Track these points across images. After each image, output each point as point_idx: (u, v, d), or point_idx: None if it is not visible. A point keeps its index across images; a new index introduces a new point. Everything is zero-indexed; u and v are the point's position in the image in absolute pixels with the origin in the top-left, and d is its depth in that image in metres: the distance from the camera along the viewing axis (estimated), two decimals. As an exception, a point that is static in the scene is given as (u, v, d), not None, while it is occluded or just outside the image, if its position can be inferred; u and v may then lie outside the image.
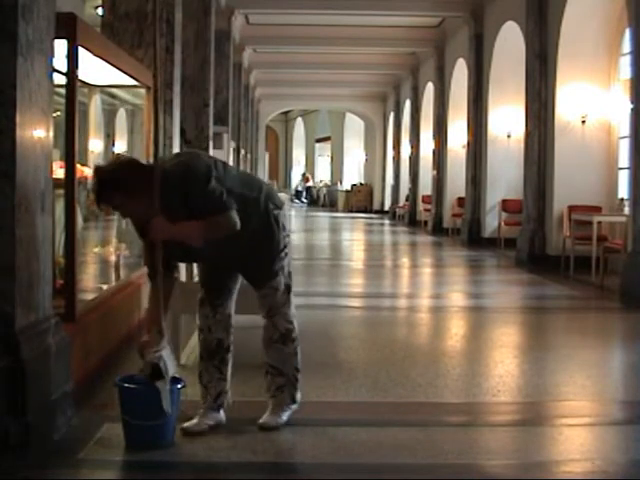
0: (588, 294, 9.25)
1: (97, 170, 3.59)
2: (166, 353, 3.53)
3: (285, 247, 3.81)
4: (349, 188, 33.09)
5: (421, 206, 21.83)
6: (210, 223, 3.48)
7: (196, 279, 4.24)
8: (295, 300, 3.92)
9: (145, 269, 3.78)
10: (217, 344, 3.84)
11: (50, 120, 3.67)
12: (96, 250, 5.73)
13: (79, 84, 4.57)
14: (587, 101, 11.42)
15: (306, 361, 4.08)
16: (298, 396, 3.91)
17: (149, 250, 3.63)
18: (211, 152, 11.30)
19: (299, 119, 40.37)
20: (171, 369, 3.52)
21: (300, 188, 38.79)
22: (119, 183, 3.42)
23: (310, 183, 38.74)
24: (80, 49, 4.35)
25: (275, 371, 3.87)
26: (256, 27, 19.19)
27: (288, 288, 3.85)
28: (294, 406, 3.89)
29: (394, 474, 3.35)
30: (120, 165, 3.54)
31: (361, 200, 31.50)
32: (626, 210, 10.14)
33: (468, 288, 10.17)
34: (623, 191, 10.96)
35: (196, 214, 3.48)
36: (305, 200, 37.78)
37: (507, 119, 14.94)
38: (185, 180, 3.48)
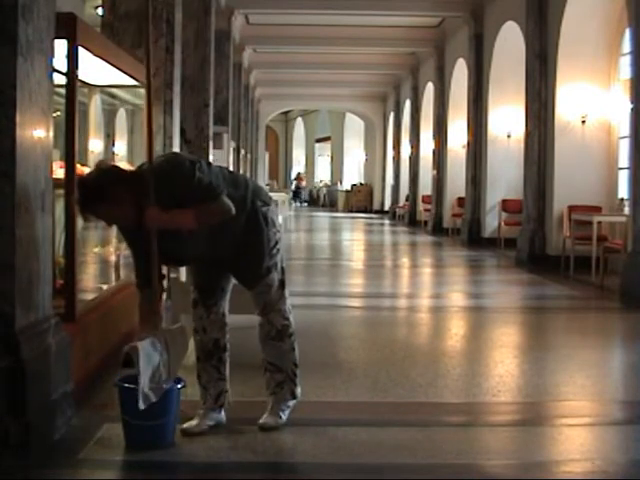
0: (588, 294, 9.25)
1: (80, 181, 3.58)
2: (146, 343, 3.50)
3: (277, 243, 3.80)
4: (349, 188, 33.10)
5: (421, 206, 21.84)
6: (202, 209, 3.48)
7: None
8: (295, 300, 3.92)
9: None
10: (213, 344, 3.84)
11: (50, 120, 3.67)
12: (96, 250, 5.72)
13: (79, 84, 4.57)
14: (587, 101, 11.42)
15: (306, 361, 4.08)
16: (298, 391, 3.91)
17: (139, 258, 3.64)
18: (211, 152, 11.31)
19: (299, 119, 40.36)
20: (147, 361, 3.46)
21: (293, 188, 38.65)
22: (103, 192, 3.40)
23: (304, 183, 38.59)
24: (80, 49, 4.35)
25: (273, 368, 3.87)
26: (256, 27, 19.19)
27: (282, 284, 3.84)
28: (294, 402, 3.89)
29: (394, 474, 3.35)
30: (102, 174, 3.50)
31: (361, 200, 31.51)
32: (626, 210, 10.14)
33: (468, 288, 10.17)
34: (623, 191, 10.97)
35: (189, 206, 3.48)
36: (299, 199, 37.57)
37: (507, 119, 14.95)
38: (171, 177, 3.48)
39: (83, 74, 4.81)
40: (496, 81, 15.09)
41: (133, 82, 5.82)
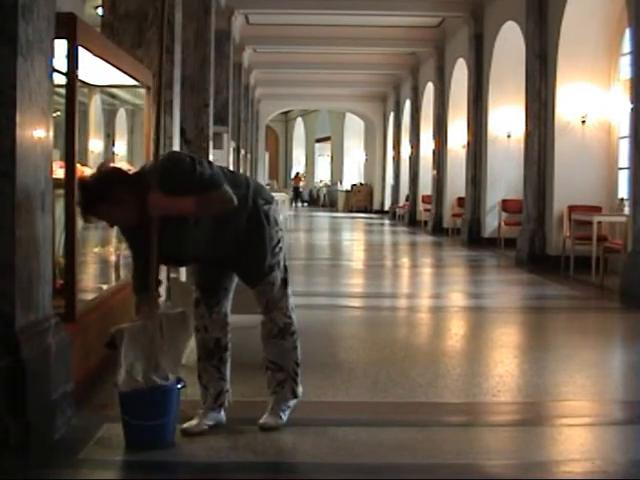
0: (588, 294, 9.25)
1: (81, 183, 3.61)
2: (135, 327, 3.52)
3: (279, 242, 3.81)
4: (349, 188, 33.12)
5: (421, 206, 21.85)
6: (204, 197, 3.48)
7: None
8: (295, 300, 3.92)
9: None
10: (215, 343, 3.84)
11: (50, 120, 3.67)
12: (96, 250, 5.72)
13: (79, 84, 4.57)
14: (587, 101, 11.42)
15: (306, 361, 4.08)
16: (299, 390, 3.91)
17: (139, 258, 3.65)
18: (211, 152, 11.31)
19: (299, 119, 40.38)
20: (131, 344, 3.49)
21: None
22: (104, 194, 3.43)
23: (301, 183, 38.48)
24: (80, 49, 4.35)
25: (275, 367, 3.87)
26: (256, 27, 19.20)
27: (285, 282, 3.85)
28: (295, 401, 3.89)
29: (394, 474, 3.35)
30: (104, 176, 3.53)
31: (361, 200, 31.53)
32: (626, 210, 10.14)
33: (468, 288, 10.17)
34: (623, 191, 10.97)
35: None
36: (300, 199, 37.45)
37: (507, 119, 14.95)
38: (172, 174, 3.50)
39: (83, 74, 4.81)
40: (496, 81, 15.09)
41: (133, 82, 5.83)
